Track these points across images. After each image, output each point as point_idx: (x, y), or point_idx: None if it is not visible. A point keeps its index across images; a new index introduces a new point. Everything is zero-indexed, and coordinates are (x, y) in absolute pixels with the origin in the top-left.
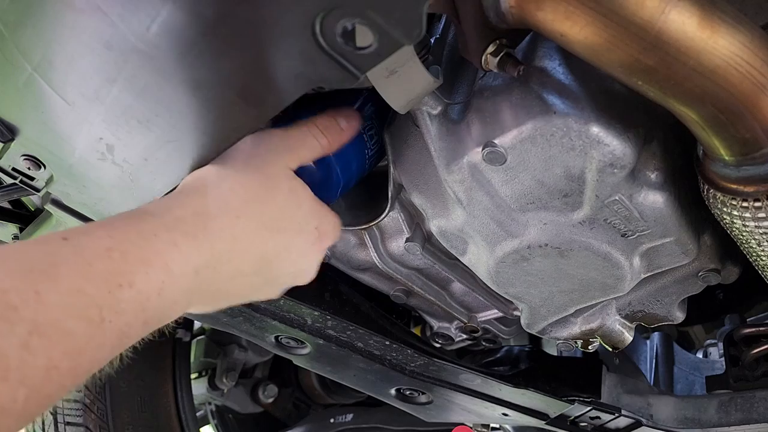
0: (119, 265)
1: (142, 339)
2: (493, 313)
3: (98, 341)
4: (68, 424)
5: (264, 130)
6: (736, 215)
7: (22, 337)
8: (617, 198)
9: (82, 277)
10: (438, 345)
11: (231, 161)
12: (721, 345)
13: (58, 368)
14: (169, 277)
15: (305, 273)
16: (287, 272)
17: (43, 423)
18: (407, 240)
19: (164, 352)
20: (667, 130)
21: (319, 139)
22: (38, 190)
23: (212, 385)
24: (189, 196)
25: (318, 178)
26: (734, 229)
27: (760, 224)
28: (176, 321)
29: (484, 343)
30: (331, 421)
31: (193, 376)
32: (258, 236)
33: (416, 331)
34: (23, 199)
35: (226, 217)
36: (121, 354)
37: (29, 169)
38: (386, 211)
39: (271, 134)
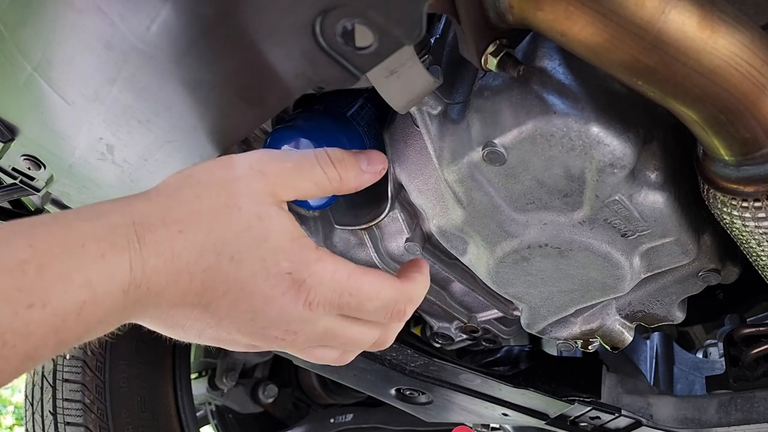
0: (33, 281)
1: (141, 340)
2: (493, 313)
3: None
4: (68, 424)
5: (270, 150)
6: (736, 215)
7: None
8: (617, 198)
9: None
10: (438, 345)
11: (201, 171)
12: (721, 345)
13: None
14: (92, 296)
15: (276, 328)
16: (247, 319)
17: (43, 423)
18: (407, 240)
19: (164, 352)
20: (667, 130)
21: (328, 171)
22: (38, 190)
23: (212, 385)
24: (136, 201)
25: None
26: (734, 229)
27: (760, 224)
28: None
29: (484, 343)
30: (331, 421)
31: (193, 376)
32: (202, 258)
33: (416, 331)
34: (23, 199)
35: (166, 230)
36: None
37: (29, 169)
38: (386, 211)
39: (272, 153)
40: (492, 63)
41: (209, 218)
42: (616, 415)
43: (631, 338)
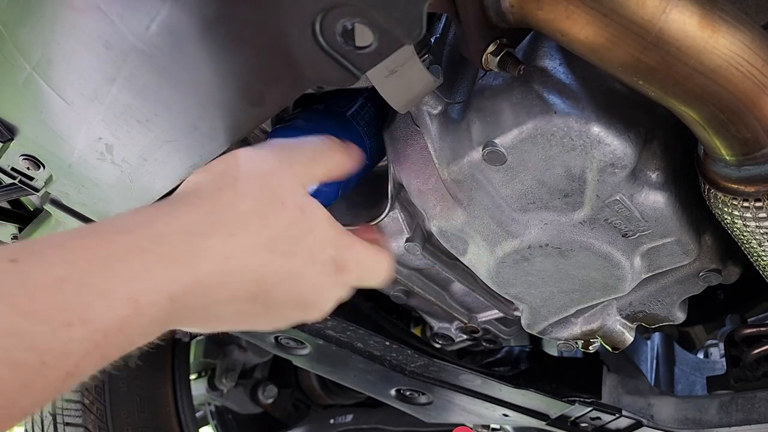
0: (71, 298)
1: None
2: (494, 314)
3: (37, 385)
4: (67, 424)
5: (278, 140)
6: (736, 215)
7: None
8: (618, 198)
9: (19, 315)
10: (438, 345)
11: (234, 168)
12: (721, 345)
13: None
14: (136, 310)
15: (316, 308)
16: (293, 304)
17: (42, 423)
18: (407, 240)
19: (163, 353)
20: (667, 129)
21: (340, 156)
22: (37, 190)
23: (212, 386)
24: (177, 208)
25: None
26: (735, 229)
27: (761, 224)
28: None
29: (484, 344)
30: (331, 421)
31: (192, 376)
32: (258, 257)
33: (416, 331)
34: (22, 198)
35: (218, 236)
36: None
37: (28, 168)
38: (386, 211)
39: (284, 144)
40: (492, 62)
41: (257, 218)
42: (617, 415)
43: (631, 339)
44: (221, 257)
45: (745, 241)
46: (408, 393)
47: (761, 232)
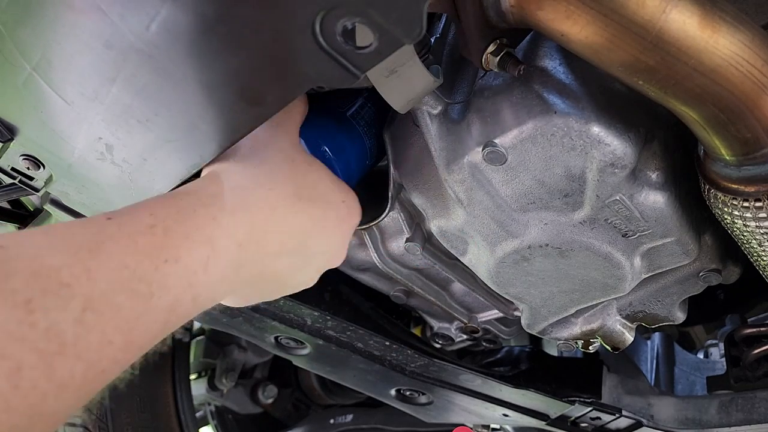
0: (163, 240)
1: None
2: (494, 314)
3: (149, 316)
4: (67, 424)
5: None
6: (737, 215)
7: (76, 312)
8: (618, 198)
9: (128, 254)
10: (438, 345)
11: (238, 151)
12: (721, 345)
13: (112, 343)
14: (214, 251)
15: (338, 253)
16: (323, 250)
17: None
18: (407, 240)
19: (164, 353)
20: (667, 129)
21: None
22: (37, 190)
23: (212, 386)
24: (218, 176)
25: None
26: (735, 229)
27: (761, 224)
28: None
29: (484, 344)
30: (331, 421)
31: (192, 376)
32: (294, 206)
33: (416, 331)
34: (22, 198)
35: (260, 189)
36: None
37: (28, 168)
38: (386, 211)
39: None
40: (492, 62)
41: (281, 174)
42: (617, 415)
43: (631, 339)
44: (267, 206)
45: (745, 241)
46: (408, 393)
47: (761, 232)
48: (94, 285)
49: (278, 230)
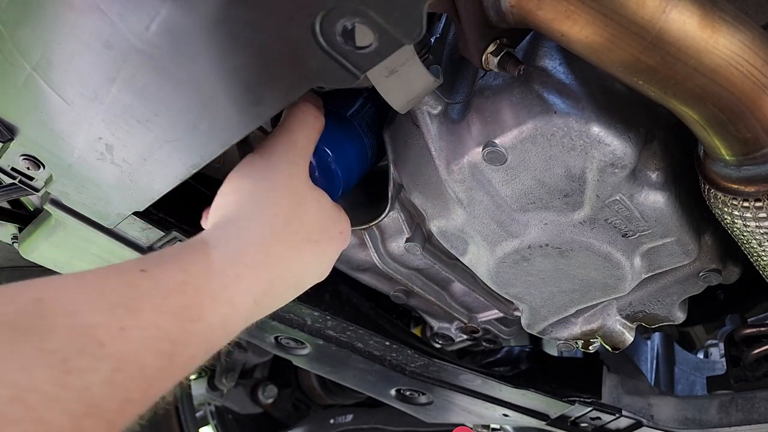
0: (192, 299)
1: None
2: (494, 314)
3: (167, 373)
4: None
5: (267, 141)
6: (737, 215)
7: (106, 373)
8: (618, 198)
9: (160, 312)
10: (438, 345)
11: (253, 181)
12: (721, 345)
13: (132, 401)
14: (232, 309)
15: (325, 272)
16: (315, 274)
17: None
18: (407, 240)
19: None
20: (667, 129)
21: (312, 120)
22: (37, 190)
23: (212, 386)
24: (240, 227)
25: (319, 178)
26: (735, 229)
27: (761, 224)
28: None
29: (484, 344)
30: (331, 421)
31: (192, 376)
32: (303, 250)
33: (416, 331)
34: (22, 198)
35: (280, 244)
36: None
37: (28, 168)
38: (386, 211)
39: (276, 143)
40: (492, 62)
41: (297, 221)
42: (617, 415)
43: (631, 339)
44: (284, 261)
45: (745, 241)
46: (408, 393)
47: (761, 232)
48: (126, 345)
49: (289, 277)
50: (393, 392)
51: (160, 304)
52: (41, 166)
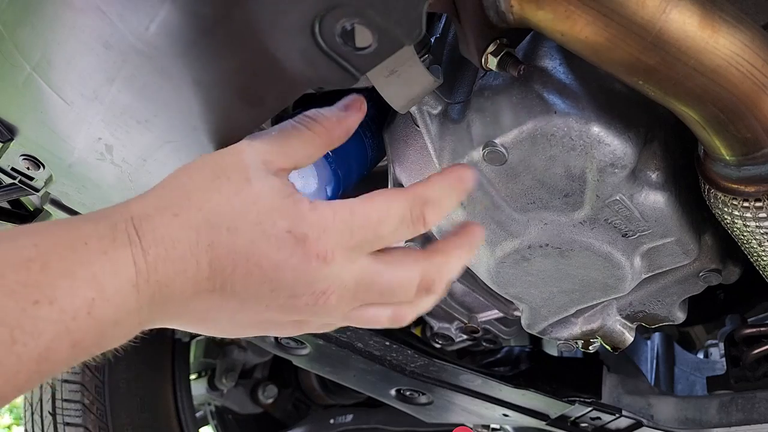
0: (37, 277)
1: (140, 340)
2: (494, 314)
3: (10, 366)
4: (68, 424)
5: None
6: (737, 215)
7: None
8: (618, 198)
9: None
10: (438, 345)
11: (203, 156)
12: (722, 345)
13: None
14: (100, 293)
15: (300, 296)
16: (268, 291)
17: (42, 423)
18: (407, 240)
19: (163, 353)
20: (668, 129)
21: (313, 127)
22: (37, 190)
23: (212, 386)
24: (135, 198)
25: (318, 179)
26: (735, 229)
27: (761, 224)
28: None
29: (484, 344)
30: (331, 421)
31: (192, 376)
32: (200, 236)
33: (416, 331)
34: (22, 199)
35: (160, 216)
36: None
37: (28, 168)
38: None
39: (257, 132)
40: (492, 62)
41: (199, 194)
42: (617, 415)
43: (632, 339)
44: (168, 239)
45: (745, 241)
46: (408, 393)
47: (761, 232)
48: None
49: (185, 267)
50: (393, 392)
51: None
52: (41, 166)
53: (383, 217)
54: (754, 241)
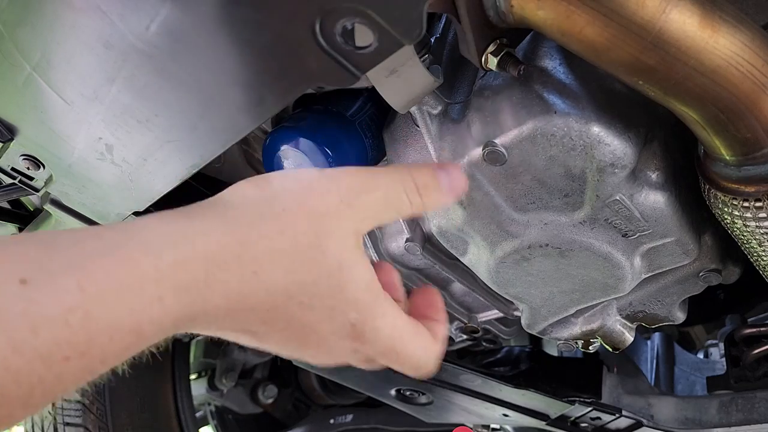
0: (76, 333)
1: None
2: (494, 314)
3: (20, 412)
4: (67, 424)
5: (351, 170)
6: (737, 215)
7: None
8: (618, 198)
9: (16, 352)
10: None
11: (287, 196)
12: (722, 345)
13: None
14: (138, 339)
15: (316, 358)
16: (293, 348)
17: (42, 423)
18: (407, 240)
19: (163, 353)
20: (668, 129)
21: (414, 200)
22: (37, 190)
23: (212, 386)
24: (211, 227)
25: None
26: (735, 229)
27: (761, 224)
28: None
29: (484, 344)
30: (331, 421)
31: (192, 376)
32: (271, 299)
33: None
34: (22, 198)
35: (240, 269)
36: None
37: (28, 168)
38: None
39: (360, 181)
40: (492, 62)
41: (290, 260)
42: (617, 415)
43: (631, 339)
44: (237, 294)
45: (745, 241)
46: (408, 393)
47: (761, 232)
48: None
49: (238, 317)
50: (393, 392)
51: (22, 340)
52: (41, 166)
53: (410, 362)
54: (754, 241)
